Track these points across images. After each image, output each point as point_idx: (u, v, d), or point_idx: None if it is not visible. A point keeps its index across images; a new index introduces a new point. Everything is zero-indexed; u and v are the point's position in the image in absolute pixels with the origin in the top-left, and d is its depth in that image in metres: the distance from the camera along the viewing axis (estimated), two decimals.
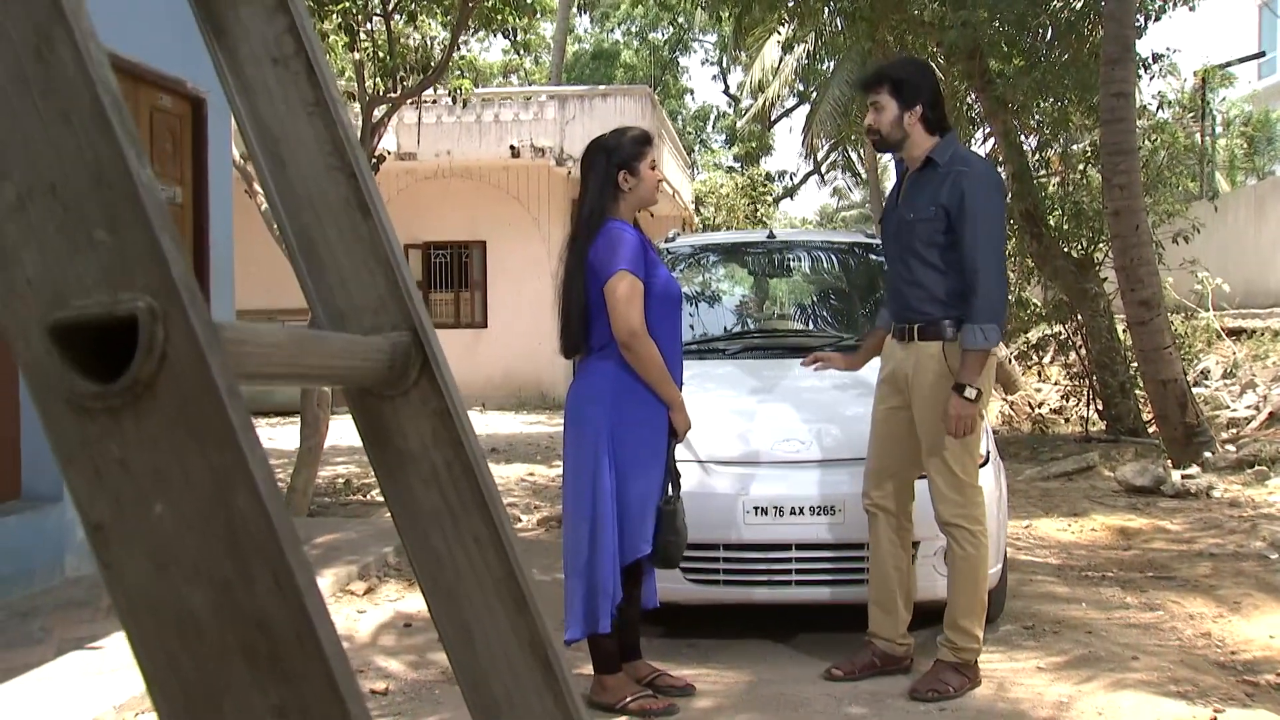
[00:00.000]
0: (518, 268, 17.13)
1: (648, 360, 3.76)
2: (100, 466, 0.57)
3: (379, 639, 4.86)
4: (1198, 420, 8.71)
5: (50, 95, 0.60)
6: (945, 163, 3.96)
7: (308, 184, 1.06)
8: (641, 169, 3.90)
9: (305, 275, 1.08)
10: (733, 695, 4.07)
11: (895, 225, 4.09)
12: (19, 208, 0.58)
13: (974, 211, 3.88)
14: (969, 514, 3.95)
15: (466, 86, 9.67)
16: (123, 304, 0.56)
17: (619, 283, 3.73)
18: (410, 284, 1.06)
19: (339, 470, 9.99)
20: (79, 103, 0.60)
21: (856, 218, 47.53)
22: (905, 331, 4.04)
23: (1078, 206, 10.36)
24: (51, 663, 4.22)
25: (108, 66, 0.60)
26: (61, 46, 0.60)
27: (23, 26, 0.60)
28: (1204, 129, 18.44)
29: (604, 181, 3.89)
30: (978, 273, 3.87)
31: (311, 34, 1.04)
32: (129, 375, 0.56)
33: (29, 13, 0.59)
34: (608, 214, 3.88)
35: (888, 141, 4.06)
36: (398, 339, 1.05)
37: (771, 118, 28.38)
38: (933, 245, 3.95)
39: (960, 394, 3.86)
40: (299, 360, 0.80)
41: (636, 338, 3.74)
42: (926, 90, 4.02)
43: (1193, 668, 4.23)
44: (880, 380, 4.17)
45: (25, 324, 0.57)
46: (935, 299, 3.96)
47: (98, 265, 0.57)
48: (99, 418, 0.57)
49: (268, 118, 1.05)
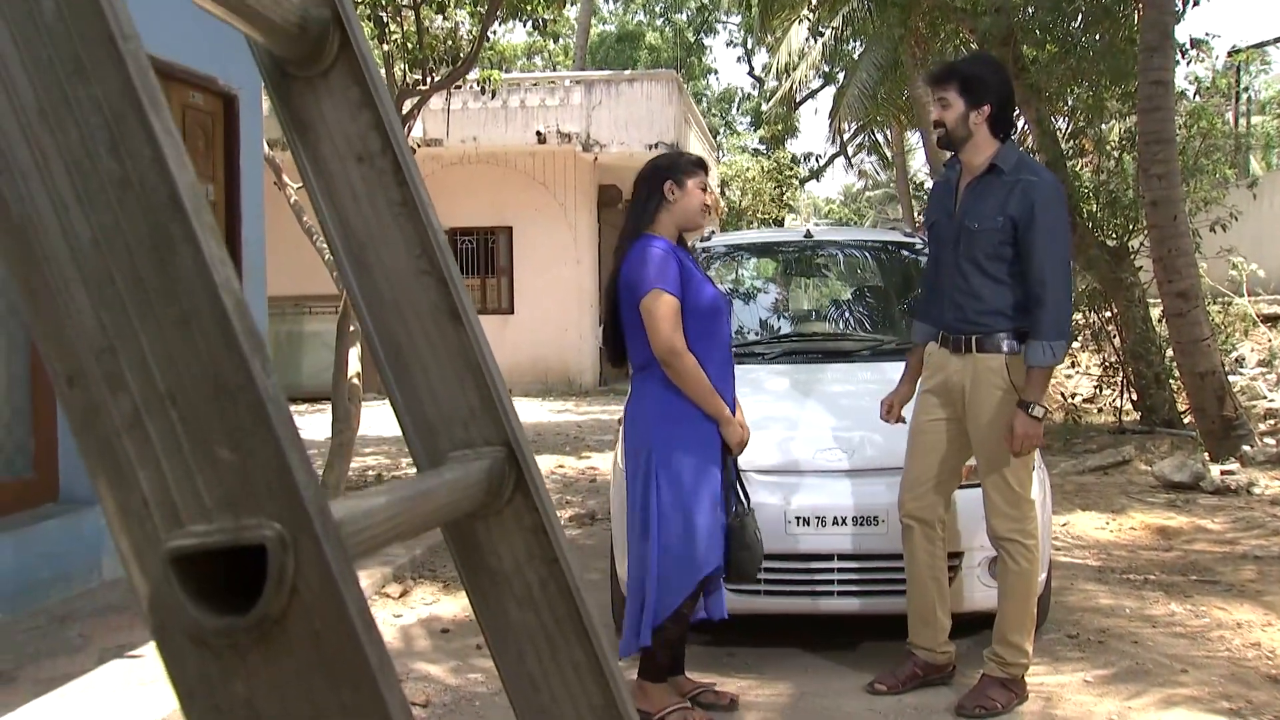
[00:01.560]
0: (544, 254, 17.08)
1: (690, 378, 3.72)
2: (223, 705, 0.52)
3: (417, 645, 4.84)
4: (1236, 413, 8.59)
5: (169, 299, 0.55)
6: (1011, 170, 3.85)
7: (395, 289, 1.01)
8: (689, 184, 3.86)
9: (392, 384, 1.03)
10: (775, 709, 4.03)
11: (955, 234, 3.95)
12: (135, 422, 0.53)
13: (1045, 225, 3.77)
14: (1024, 529, 3.89)
15: (496, 77, 9.60)
16: (248, 531, 0.51)
17: (653, 302, 3.71)
18: (504, 395, 1.01)
19: (369, 461, 9.99)
20: (199, 307, 0.55)
21: (881, 197, 47.27)
22: (963, 343, 3.94)
23: (1113, 195, 10.21)
24: (92, 672, 4.22)
25: (229, 264, 0.55)
26: (181, 246, 0.55)
27: (139, 224, 0.55)
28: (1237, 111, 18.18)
29: (650, 193, 3.89)
30: (1046, 286, 3.76)
31: (398, 130, 0.99)
32: (258, 610, 0.51)
33: (146, 210, 0.54)
34: (646, 229, 3.87)
35: (952, 138, 3.94)
36: (493, 458, 0.99)
37: (797, 100, 28.16)
38: (997, 257, 3.84)
39: (1027, 412, 3.78)
40: (412, 520, 0.75)
41: (676, 355, 3.70)
42: (996, 90, 3.89)
43: (1244, 682, 4.16)
44: (925, 390, 4.09)
45: (141, 549, 0.52)
46: (996, 311, 3.87)
47: (220, 486, 0.52)
48: (224, 654, 0.52)
49: (352, 218, 1.00)
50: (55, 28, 0.55)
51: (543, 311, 17.04)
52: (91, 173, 0.55)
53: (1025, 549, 3.88)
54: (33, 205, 0.55)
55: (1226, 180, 11.62)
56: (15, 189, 0.55)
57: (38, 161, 0.55)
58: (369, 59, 0.97)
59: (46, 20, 0.55)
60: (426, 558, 6.22)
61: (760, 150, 31.27)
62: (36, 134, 0.55)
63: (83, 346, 0.54)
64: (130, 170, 0.55)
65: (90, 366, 0.54)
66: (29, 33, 0.55)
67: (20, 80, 0.55)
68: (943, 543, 4.10)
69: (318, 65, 0.96)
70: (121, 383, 0.54)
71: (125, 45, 0.55)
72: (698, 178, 3.92)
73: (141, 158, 0.55)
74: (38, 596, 5.03)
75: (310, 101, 0.97)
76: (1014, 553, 3.88)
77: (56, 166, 0.55)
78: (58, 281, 0.55)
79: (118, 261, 0.55)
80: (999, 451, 3.85)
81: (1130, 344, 10.11)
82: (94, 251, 0.55)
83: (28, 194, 0.55)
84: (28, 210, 0.55)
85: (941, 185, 4.21)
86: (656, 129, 16.53)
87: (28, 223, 0.55)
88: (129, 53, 0.55)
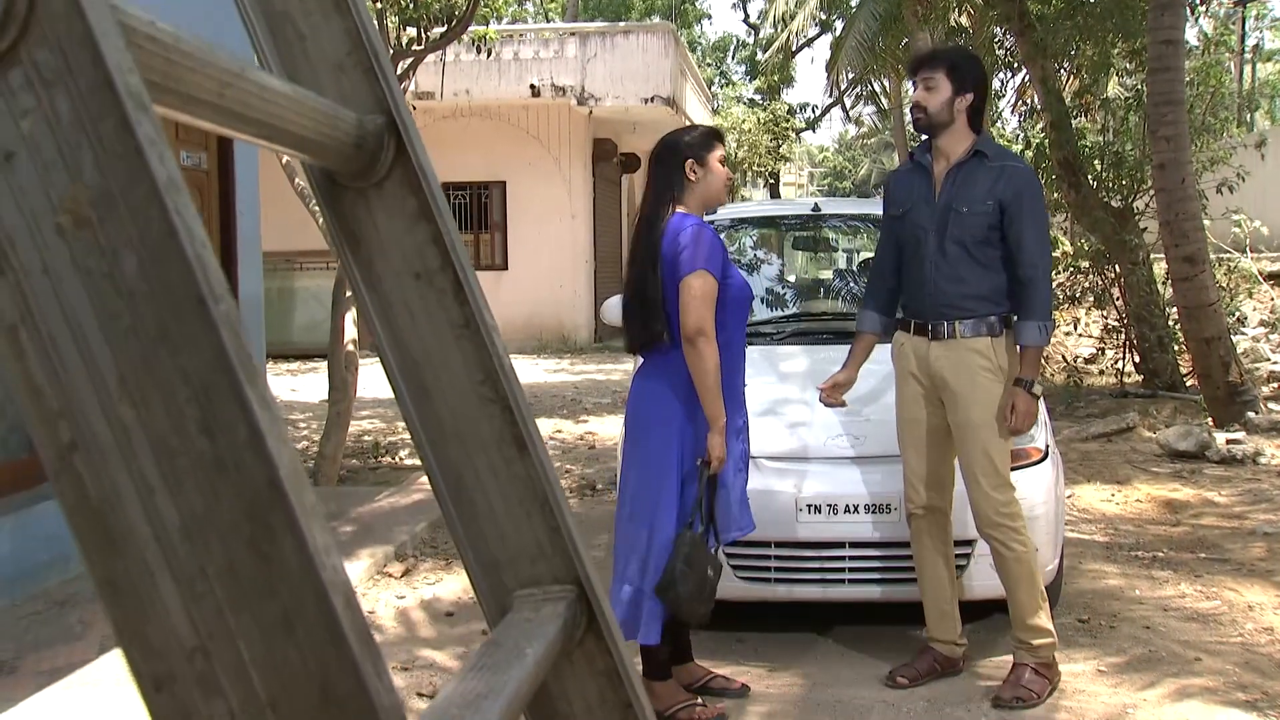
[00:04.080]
0: (538, 209, 16.91)
1: (708, 362, 3.62)
2: None
3: (421, 630, 4.79)
4: (1241, 379, 8.54)
5: (268, 595, 0.46)
6: (994, 156, 3.91)
7: (456, 416, 0.91)
8: (710, 161, 3.75)
9: (454, 517, 0.94)
10: (787, 700, 3.98)
11: (940, 218, 3.91)
12: None
13: (1032, 210, 3.86)
14: (1011, 511, 3.87)
15: (491, 35, 9.40)
16: None
17: (697, 280, 3.62)
18: (574, 530, 0.92)
19: (364, 425, 9.90)
20: (303, 605, 0.46)
21: (876, 145, 46.96)
22: (944, 329, 3.91)
23: (1119, 156, 10.08)
24: (94, 663, 4.16)
25: (335, 551, 0.46)
26: (282, 536, 0.46)
27: (234, 511, 0.46)
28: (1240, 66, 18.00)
29: (671, 174, 3.76)
30: (1037, 269, 3.84)
31: (459, 245, 0.89)
32: None
33: (242, 495, 0.45)
34: (678, 206, 3.75)
35: (933, 122, 3.92)
36: (565, 600, 0.91)
37: (793, 48, 27.82)
38: (985, 241, 3.86)
39: (1027, 390, 3.83)
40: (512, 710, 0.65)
41: (703, 336, 3.61)
42: (977, 82, 3.95)
43: (1259, 670, 4.13)
44: (903, 380, 4.04)
45: None
46: (979, 295, 3.88)
47: None
48: None
49: (409, 340, 0.90)
50: (138, 288, 0.47)
51: (537, 267, 16.90)
52: (179, 452, 0.47)
53: (1014, 531, 3.86)
54: (113, 487, 0.48)
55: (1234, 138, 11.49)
56: (93, 468, 0.47)
57: (119, 439, 0.47)
58: (428, 168, 0.87)
59: (128, 280, 0.47)
60: (428, 534, 6.15)
61: (756, 101, 30.96)
62: (117, 408, 0.47)
63: (171, 647, 0.47)
64: (223, 450, 0.47)
65: (180, 669, 0.46)
66: (108, 294, 0.47)
67: (99, 348, 0.47)
68: (951, 531, 4.07)
69: (371, 176, 0.86)
70: (216, 688, 0.46)
71: (217, 308, 0.46)
72: (718, 152, 3.83)
73: (236, 437, 0.47)
74: (37, 580, 4.96)
75: (362, 213, 0.87)
76: (1006, 540, 3.85)
77: (140, 444, 0.47)
78: (141, 573, 0.47)
79: (210, 552, 0.47)
80: (984, 435, 3.85)
81: (1134, 307, 10.03)
82: (183, 540, 0.47)
83: (107, 474, 0.47)
84: (107, 492, 0.47)
85: (907, 174, 4.15)
86: (652, 82, 16.32)
87: (107, 506, 0.47)
88: (221, 317, 0.46)
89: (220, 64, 0.58)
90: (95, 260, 0.46)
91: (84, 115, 0.45)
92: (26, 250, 0.46)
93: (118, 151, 0.45)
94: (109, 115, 0.45)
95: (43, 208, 0.46)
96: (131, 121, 0.45)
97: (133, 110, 0.45)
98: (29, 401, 0.46)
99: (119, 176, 0.46)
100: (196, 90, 0.56)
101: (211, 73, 0.57)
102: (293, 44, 0.86)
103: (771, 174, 28.68)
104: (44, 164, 0.46)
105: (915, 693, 3.99)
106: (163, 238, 0.46)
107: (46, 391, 0.46)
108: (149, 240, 0.46)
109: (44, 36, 0.45)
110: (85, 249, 0.46)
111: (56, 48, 0.45)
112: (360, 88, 0.87)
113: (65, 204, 0.46)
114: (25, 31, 0.45)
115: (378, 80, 0.87)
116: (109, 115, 0.45)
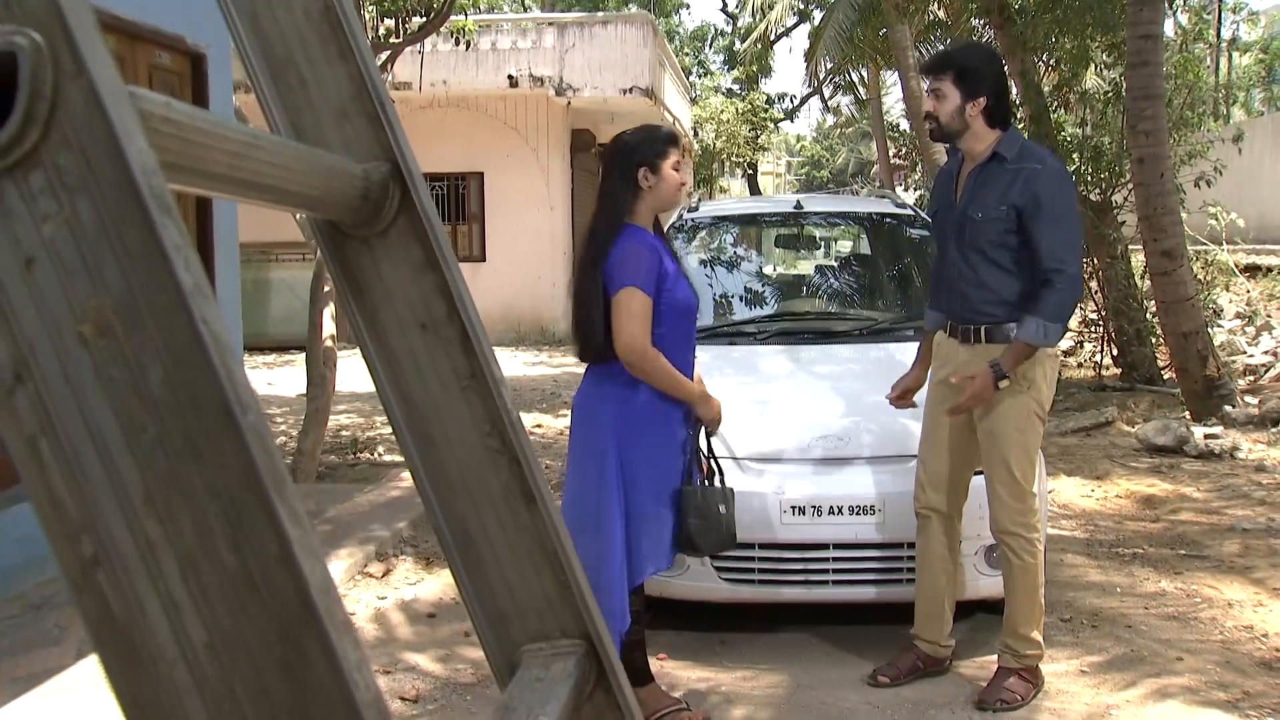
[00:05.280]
0: (516, 200, 16.82)
1: (656, 375, 3.58)
2: None
3: (402, 633, 4.76)
4: (1219, 373, 8.60)
5: (300, 717, 0.44)
6: (1014, 159, 3.77)
7: (462, 468, 0.90)
8: (664, 168, 3.68)
9: (460, 570, 0.93)
10: (770, 703, 3.98)
11: (958, 224, 3.86)
12: None
13: (1054, 212, 3.70)
14: (1027, 522, 3.84)
15: (470, 27, 9.34)
16: None
17: (629, 299, 3.54)
18: (582, 583, 0.90)
19: (342, 420, 9.84)
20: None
21: (854, 134, 46.96)
22: (970, 334, 3.86)
23: (1097, 149, 10.12)
24: (71, 668, 4.11)
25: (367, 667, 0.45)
26: (314, 656, 0.44)
27: (264, 629, 0.44)
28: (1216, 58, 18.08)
29: (624, 179, 3.68)
30: (1060, 271, 3.68)
31: (465, 295, 0.87)
32: None
33: (272, 613, 0.44)
34: (625, 216, 3.68)
35: (946, 131, 3.85)
36: (575, 655, 0.89)
37: (772, 38, 27.77)
38: (1002, 246, 3.76)
39: (995, 374, 3.69)
40: None
41: (639, 355, 3.55)
42: (992, 80, 3.81)
43: (1239, 669, 4.16)
44: (937, 382, 4.00)
45: None
46: (1002, 301, 3.79)
47: None
48: None
49: (414, 391, 0.89)
50: (163, 399, 0.45)
51: (515, 259, 16.82)
52: (207, 569, 0.46)
53: (1028, 543, 3.84)
54: (138, 604, 0.46)
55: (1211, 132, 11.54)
56: (117, 585, 0.46)
57: (144, 555, 0.45)
58: (432, 217, 0.85)
59: (153, 390, 0.45)
60: (409, 532, 6.12)
61: (734, 91, 30.90)
62: (142, 523, 0.45)
63: None
64: (253, 567, 0.45)
65: None
66: (133, 405, 0.45)
67: (123, 460, 0.45)
68: (958, 536, 4.05)
69: (376, 225, 0.84)
70: None
71: (245, 419, 0.44)
72: (671, 158, 3.72)
73: (266, 554, 0.45)
74: (12, 583, 4.90)
75: (367, 262, 0.86)
76: (1017, 548, 3.84)
77: (166, 561, 0.46)
78: (168, 693, 0.45)
79: (239, 671, 0.45)
80: (1004, 445, 3.80)
81: (1112, 300, 10.08)
82: (211, 659, 0.45)
83: (132, 591, 0.46)
84: (132, 610, 0.46)
85: (944, 175, 4.11)
86: (631, 73, 16.25)
87: (132, 623, 0.46)
88: (250, 429, 0.44)
89: (233, 137, 0.56)
90: (119, 370, 0.44)
91: (107, 220, 0.44)
92: (48, 359, 0.44)
93: (142, 258, 0.44)
94: (133, 220, 0.43)
95: (64, 316, 0.44)
96: (156, 227, 0.43)
97: (157, 215, 0.43)
98: (50, 514, 0.44)
99: (143, 284, 0.44)
100: (211, 166, 0.54)
101: (226, 146, 0.55)
102: (295, 90, 0.84)
103: (750, 164, 28.64)
104: (66, 270, 0.44)
105: (899, 694, 4.00)
106: (189, 347, 0.44)
107: (68, 504, 0.44)
108: (174, 349, 0.44)
109: (65, 139, 0.43)
110: (108, 358, 0.44)
111: (79, 151, 0.43)
112: (364, 134, 0.85)
113: (88, 312, 0.44)
114: (47, 134, 0.43)
115: (382, 127, 0.85)
116: (133, 220, 0.43)
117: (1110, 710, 3.86)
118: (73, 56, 0.42)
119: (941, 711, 3.87)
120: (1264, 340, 10.65)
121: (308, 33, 0.83)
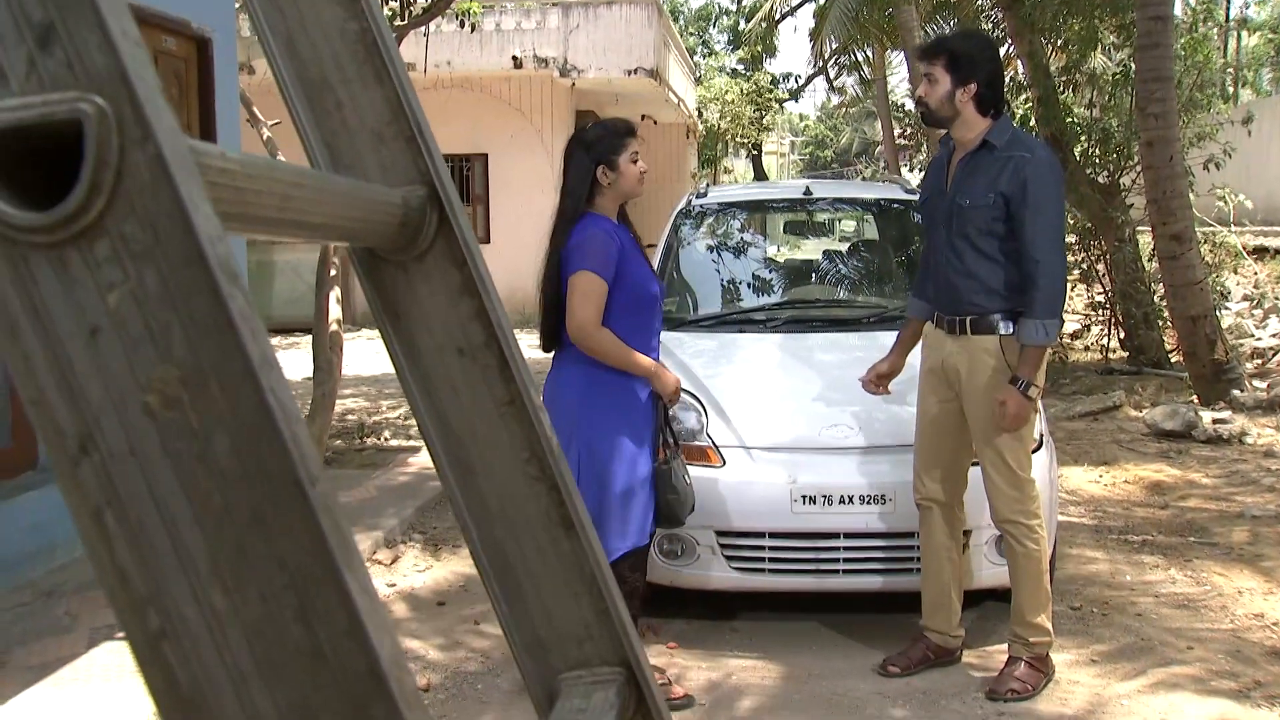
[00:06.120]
0: (521, 181, 16.77)
1: (603, 350, 3.64)
2: None
3: (412, 622, 4.76)
4: (1226, 357, 8.58)
5: None
6: (1003, 147, 3.75)
7: (501, 495, 0.89)
8: (621, 163, 3.69)
9: (499, 598, 0.92)
10: (780, 694, 3.98)
11: (946, 211, 3.85)
12: None
13: (1037, 201, 3.68)
14: (1026, 509, 3.84)
15: (474, 8, 9.30)
16: None
17: (581, 282, 3.60)
18: (623, 611, 0.89)
19: (349, 404, 9.84)
20: None
21: (859, 113, 46.77)
22: (957, 324, 3.86)
23: (1106, 132, 10.06)
24: (84, 657, 4.12)
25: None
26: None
27: (334, 703, 0.43)
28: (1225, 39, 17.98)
29: (582, 176, 3.70)
30: (1039, 264, 3.68)
31: (504, 320, 0.86)
32: None
33: (342, 687, 0.43)
34: (585, 209, 3.71)
35: (936, 116, 3.85)
36: (615, 684, 0.89)
37: (776, 17, 27.64)
38: (990, 234, 3.75)
39: (1021, 391, 3.70)
40: None
41: (584, 331, 3.60)
42: (985, 68, 3.79)
43: (1248, 659, 4.16)
44: (926, 371, 4.01)
45: None
46: (990, 290, 3.78)
47: None
48: None
49: (452, 417, 0.88)
50: (230, 470, 0.44)
51: (520, 240, 16.74)
52: (275, 641, 0.45)
53: (1029, 530, 3.84)
54: (205, 676, 0.45)
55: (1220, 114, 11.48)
56: (184, 657, 0.45)
57: (210, 626, 0.45)
58: (470, 240, 0.84)
59: (220, 462, 0.44)
60: (416, 518, 6.13)
61: (739, 71, 30.77)
62: (209, 595, 0.44)
63: None
64: (322, 640, 0.44)
65: None
66: (199, 477, 0.44)
67: (189, 532, 0.44)
68: (960, 524, 4.06)
69: (413, 250, 0.83)
70: None
71: (313, 491, 0.43)
72: (627, 153, 3.72)
73: (335, 626, 0.44)
74: (23, 570, 4.91)
75: (403, 287, 0.85)
76: (1019, 535, 3.84)
77: (233, 633, 0.45)
78: None
79: None
80: (995, 433, 3.80)
81: (1120, 283, 10.05)
82: None
83: (199, 663, 0.45)
84: (199, 682, 0.45)
85: (935, 163, 4.11)
86: (635, 54, 16.19)
87: (199, 696, 0.45)
88: (319, 501, 0.44)
89: (281, 179, 0.55)
90: (185, 441, 0.43)
91: (173, 289, 0.43)
92: (113, 431, 0.43)
93: (209, 328, 0.43)
94: (200, 290, 0.42)
95: (129, 386, 0.43)
96: (224, 296, 0.42)
97: (225, 284, 0.42)
98: (116, 586, 0.44)
99: (210, 354, 0.43)
100: (261, 211, 0.53)
101: (275, 189, 0.54)
102: (331, 113, 0.83)
103: (754, 145, 28.55)
104: (131, 341, 0.43)
105: (910, 684, 4.00)
106: (257, 418, 0.43)
107: (134, 576, 0.44)
108: (242, 420, 0.43)
109: (131, 207, 0.42)
110: (175, 430, 0.43)
111: (145, 219, 0.42)
112: (401, 158, 0.84)
113: (153, 383, 0.43)
114: (112, 202, 0.42)
115: (420, 150, 0.84)
116: (200, 290, 0.42)
117: (1119, 699, 3.86)
118: (138, 122, 0.41)
119: (952, 701, 3.87)
120: (1272, 323, 10.62)
121: (344, 55, 0.82)
